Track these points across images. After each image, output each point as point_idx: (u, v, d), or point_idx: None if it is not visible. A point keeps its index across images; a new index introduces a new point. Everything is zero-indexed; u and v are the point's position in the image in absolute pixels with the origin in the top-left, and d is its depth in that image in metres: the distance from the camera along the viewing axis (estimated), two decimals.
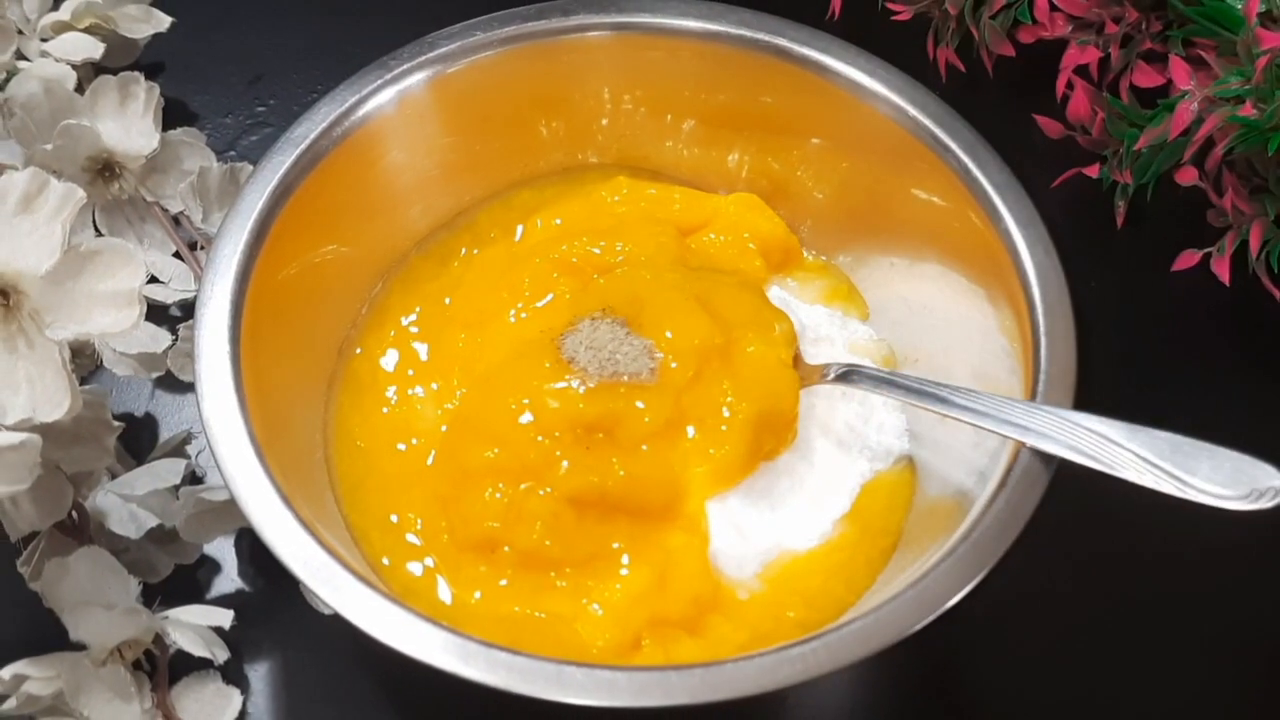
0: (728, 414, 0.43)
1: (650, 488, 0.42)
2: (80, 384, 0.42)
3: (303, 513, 0.39)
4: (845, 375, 0.44)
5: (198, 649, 0.42)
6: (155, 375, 0.50)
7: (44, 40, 0.56)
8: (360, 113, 0.46)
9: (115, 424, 0.45)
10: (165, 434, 0.50)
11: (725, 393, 0.43)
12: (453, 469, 0.44)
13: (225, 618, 0.43)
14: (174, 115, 0.57)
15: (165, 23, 0.57)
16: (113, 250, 0.40)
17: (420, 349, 0.48)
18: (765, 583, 0.43)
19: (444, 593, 0.43)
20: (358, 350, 0.48)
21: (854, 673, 0.43)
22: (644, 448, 0.42)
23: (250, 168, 0.52)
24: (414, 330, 0.48)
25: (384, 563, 0.43)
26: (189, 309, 0.48)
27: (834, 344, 0.48)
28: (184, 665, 0.44)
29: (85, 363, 0.50)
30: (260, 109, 0.59)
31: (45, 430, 0.39)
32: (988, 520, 0.38)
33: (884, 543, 0.44)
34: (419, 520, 0.44)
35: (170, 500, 0.45)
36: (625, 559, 0.42)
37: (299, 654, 0.46)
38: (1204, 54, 0.50)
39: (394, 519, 0.44)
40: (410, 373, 0.47)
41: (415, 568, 0.43)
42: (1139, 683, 0.46)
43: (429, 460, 0.45)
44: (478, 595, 0.42)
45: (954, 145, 0.45)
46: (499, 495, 0.42)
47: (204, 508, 0.45)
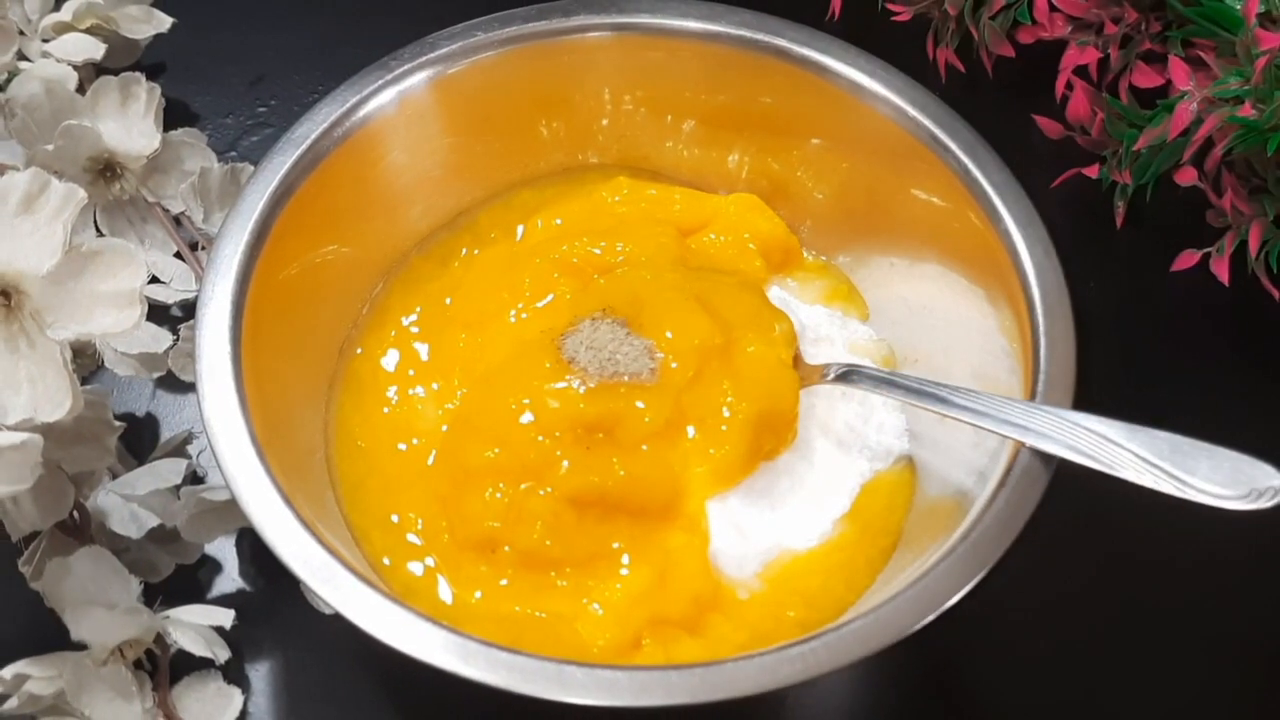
0: (728, 414, 0.43)
1: (650, 487, 0.42)
2: (81, 384, 0.42)
3: (303, 512, 0.39)
4: (845, 375, 0.44)
5: (199, 649, 0.42)
6: (156, 375, 0.50)
7: (45, 41, 0.56)
8: (361, 113, 0.46)
9: (116, 424, 0.45)
10: (166, 434, 0.50)
11: (725, 393, 0.43)
12: (453, 469, 0.44)
13: (226, 617, 0.43)
14: (175, 116, 0.57)
15: (166, 23, 0.57)
16: (114, 250, 0.40)
17: (421, 349, 0.48)
18: (765, 582, 0.43)
19: (444, 592, 0.43)
20: (358, 350, 0.48)
21: (854, 672, 0.43)
22: (644, 448, 0.43)
23: (251, 168, 0.52)
24: (415, 330, 0.48)
25: (384, 562, 0.43)
26: (190, 309, 0.48)
27: (834, 344, 0.48)
28: (185, 665, 0.44)
29: (86, 363, 0.50)
30: (261, 109, 0.59)
31: (46, 430, 0.39)
32: (987, 520, 0.38)
33: (884, 542, 0.44)
34: (419, 520, 0.44)
35: (171, 500, 0.46)
36: (625, 559, 0.42)
37: (300, 654, 0.46)
38: (1203, 54, 0.50)
39: (395, 519, 0.44)
40: (411, 373, 0.47)
41: (416, 567, 0.43)
42: (1139, 683, 0.46)
43: (430, 460, 0.45)
44: (478, 595, 0.42)
45: (953, 145, 0.45)
46: (499, 495, 0.42)
47: (205, 507, 0.45)
